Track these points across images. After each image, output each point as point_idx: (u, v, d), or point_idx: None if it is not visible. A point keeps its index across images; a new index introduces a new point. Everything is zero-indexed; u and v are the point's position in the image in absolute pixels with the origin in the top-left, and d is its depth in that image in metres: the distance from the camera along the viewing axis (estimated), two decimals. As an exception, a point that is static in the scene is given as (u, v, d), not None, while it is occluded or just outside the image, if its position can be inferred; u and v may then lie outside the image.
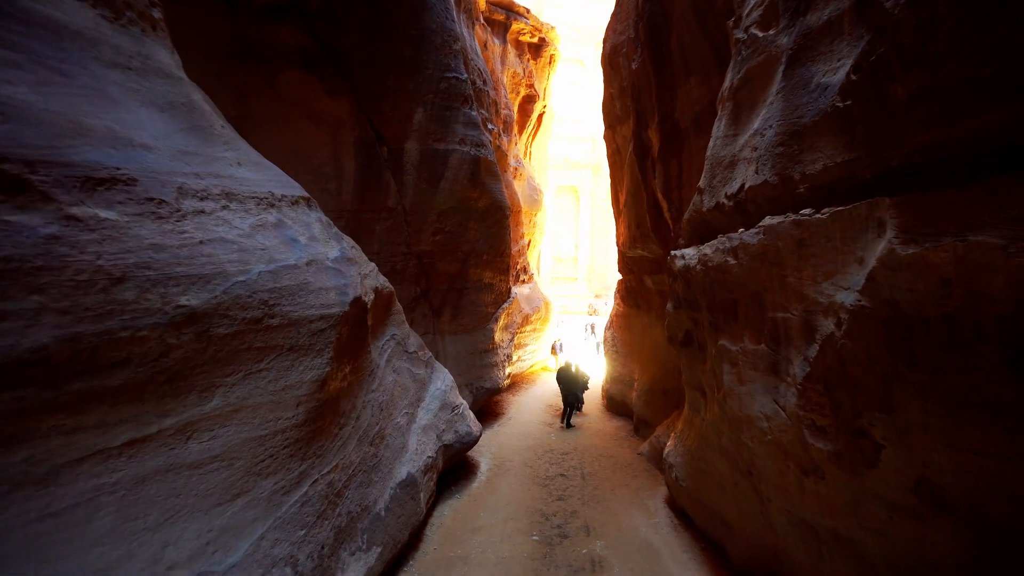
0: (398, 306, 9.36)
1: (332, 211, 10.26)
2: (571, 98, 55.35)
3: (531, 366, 24.51)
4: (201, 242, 4.27)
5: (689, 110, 10.06)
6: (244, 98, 9.14)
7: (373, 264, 8.29)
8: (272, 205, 5.71)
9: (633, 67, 12.46)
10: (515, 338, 19.20)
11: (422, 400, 9.71)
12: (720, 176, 6.98)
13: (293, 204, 6.22)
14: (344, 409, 6.24)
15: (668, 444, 10.61)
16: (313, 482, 5.34)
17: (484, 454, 13.33)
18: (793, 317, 5.19)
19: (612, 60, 15.32)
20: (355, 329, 6.37)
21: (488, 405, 17.37)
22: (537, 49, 23.85)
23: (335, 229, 7.18)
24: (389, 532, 7.02)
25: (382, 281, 8.29)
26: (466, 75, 12.24)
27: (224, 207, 4.83)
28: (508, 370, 17.57)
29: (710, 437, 7.88)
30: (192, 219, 4.32)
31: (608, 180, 21.11)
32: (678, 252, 8.21)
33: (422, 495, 8.30)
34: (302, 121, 9.87)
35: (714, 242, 6.72)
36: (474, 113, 12.52)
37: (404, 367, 9.14)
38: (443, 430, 9.99)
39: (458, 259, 13.62)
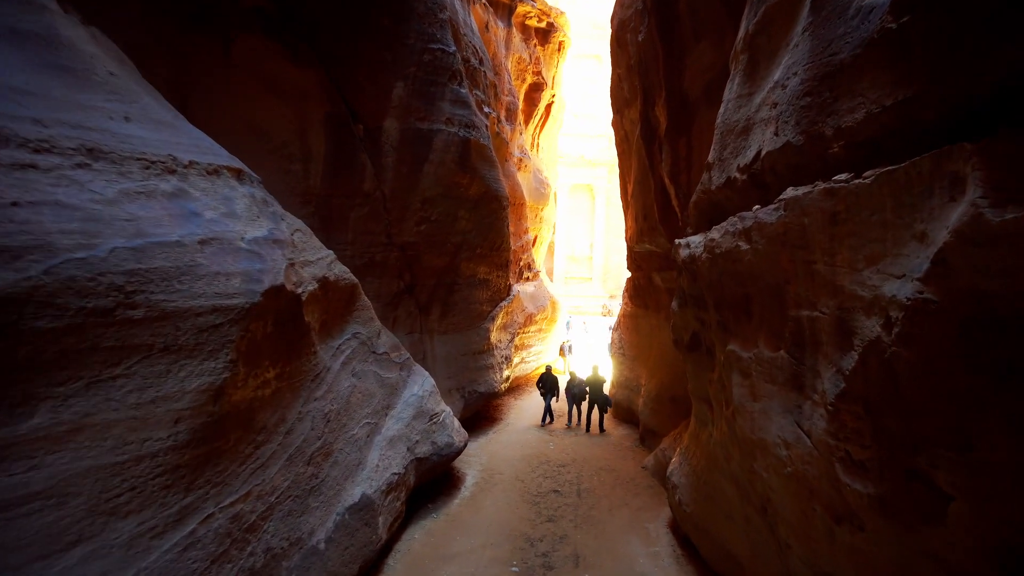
0: (364, 301, 8.25)
1: (297, 195, 9.19)
2: (587, 94, 53.91)
3: (536, 368, 23.32)
4: (15, 204, 3.16)
5: (699, 80, 8.82)
6: (191, 65, 8.07)
7: (329, 252, 7.18)
8: (171, 171, 4.61)
9: (640, 39, 11.24)
10: (516, 339, 18.03)
11: (392, 407, 8.58)
12: (732, 146, 5.76)
13: (209, 174, 5.12)
14: (265, 423, 5.12)
15: (673, 460, 9.39)
16: (206, 517, 4.22)
17: (472, 464, 12.19)
18: (822, 316, 3.97)
19: (620, 37, 14.10)
20: (281, 325, 5.25)
21: (485, 409, 16.24)
22: (545, 35, 22.65)
23: (275, 208, 6.08)
24: (330, 568, 5.88)
25: (339, 271, 7.18)
26: (454, 48, 11.10)
27: (80, 165, 3.73)
28: (507, 373, 16.42)
29: (718, 458, 6.66)
30: (7, 174, 3.21)
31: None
32: (683, 240, 7.00)
33: (381, 519, 7.16)
34: (262, 93, 8.80)
35: (723, 224, 5.50)
36: (463, 91, 11.38)
37: (369, 371, 8.02)
38: (416, 441, 8.85)
39: (447, 252, 12.49)
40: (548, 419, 16.26)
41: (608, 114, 50.90)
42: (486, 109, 13.83)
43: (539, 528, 9.08)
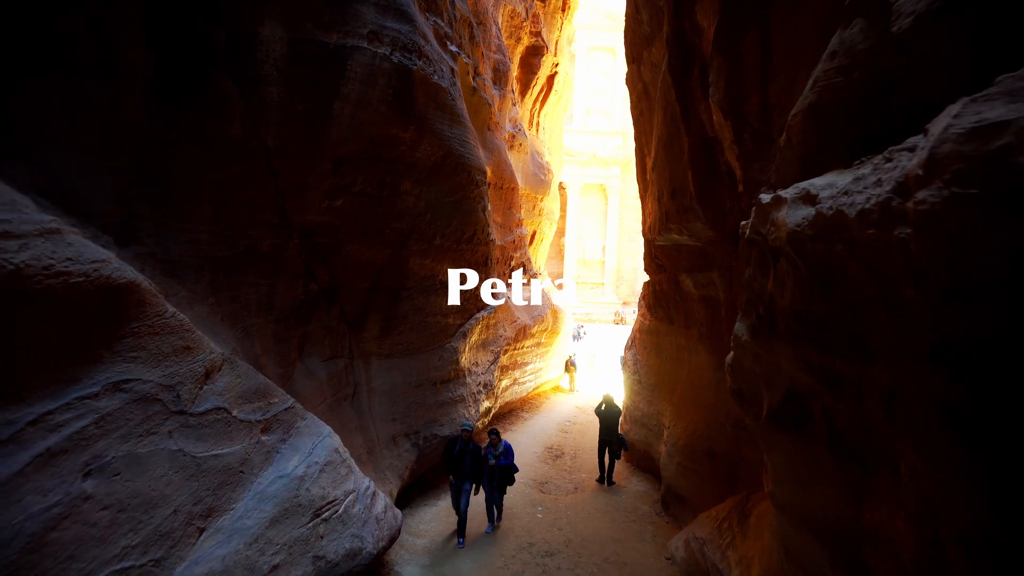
0: (159, 319, 4.41)
1: (93, 134, 5.38)
2: (600, 89, 51.09)
3: (536, 388, 19.53)
4: None
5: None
6: None
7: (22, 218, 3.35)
8: None
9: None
10: (502, 358, 14.15)
11: (222, 512, 4.72)
12: None
13: None
14: None
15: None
16: None
17: (417, 552, 8.28)
18: None
19: (638, -50, 10.22)
20: None
21: (456, 454, 12.32)
22: (547, -11, 18.79)
23: None
24: None
25: (33, 257, 3.34)
26: (385, -72, 7.30)
27: None
28: (486, 405, 12.54)
29: None
30: None
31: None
32: (786, 192, 3.08)
33: None
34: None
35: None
36: (403, -3, 7.58)
37: (155, 453, 4.17)
38: (274, 567, 4.98)
39: (386, 241, 8.62)
40: (460, 536, 8.82)
41: (623, 110, 47.85)
42: (452, 48, 10.00)
43: None
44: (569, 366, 22.01)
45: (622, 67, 50.93)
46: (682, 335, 10.96)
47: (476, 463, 8.96)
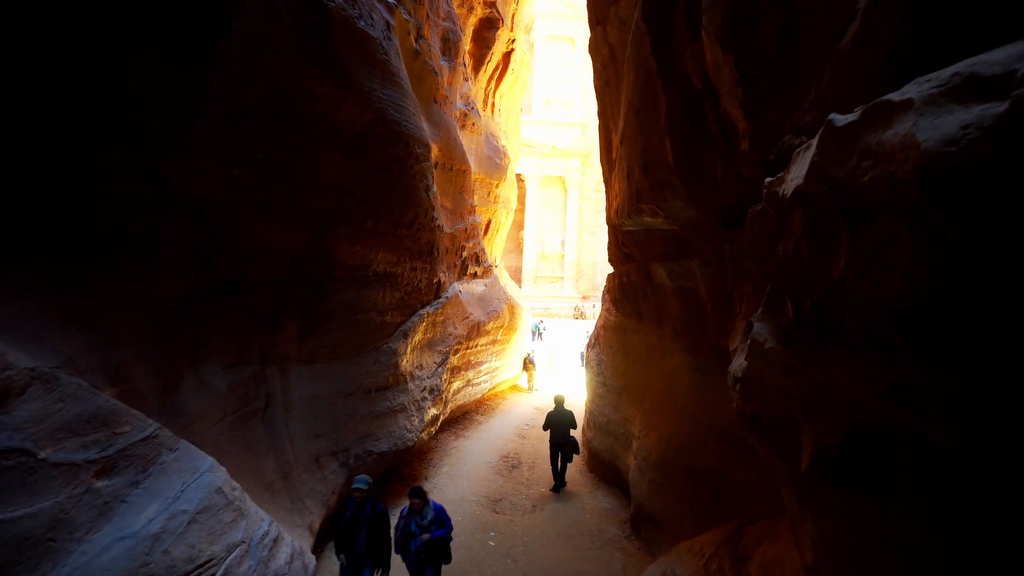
0: None
1: None
2: (560, 80, 50.37)
3: (492, 389, 18.22)
4: None
5: None
6: None
7: None
8: None
9: None
10: (452, 358, 12.71)
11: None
12: None
13: None
14: None
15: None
16: None
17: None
18: None
19: None
20: None
21: (397, 468, 10.79)
22: (502, -43, 17.31)
23: None
24: None
25: None
26: None
27: None
28: (433, 412, 11.07)
29: None
30: None
31: (599, 170, 13.58)
32: (912, 90, 1.73)
33: None
34: None
35: None
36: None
37: None
38: None
39: (304, 222, 7.09)
40: None
41: (583, 100, 46.80)
42: (391, 0, 8.52)
43: None
44: (527, 364, 20.80)
45: (582, 57, 49.76)
46: (653, 333, 9.71)
47: (377, 537, 6.12)
